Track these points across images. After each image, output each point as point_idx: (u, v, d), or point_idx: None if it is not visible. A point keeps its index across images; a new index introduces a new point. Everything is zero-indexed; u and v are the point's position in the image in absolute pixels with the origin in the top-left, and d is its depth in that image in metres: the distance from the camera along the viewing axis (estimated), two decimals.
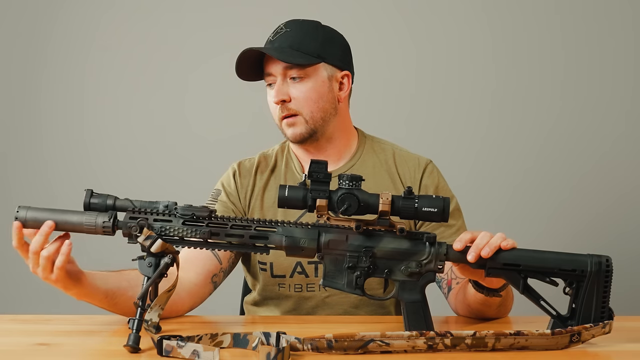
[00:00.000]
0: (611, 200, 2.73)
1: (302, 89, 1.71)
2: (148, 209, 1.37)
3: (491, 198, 2.76)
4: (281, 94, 1.71)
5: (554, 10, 2.75)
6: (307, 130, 1.73)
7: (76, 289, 1.43)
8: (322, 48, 1.72)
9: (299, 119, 1.72)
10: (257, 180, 1.81)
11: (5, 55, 2.88)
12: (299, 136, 1.73)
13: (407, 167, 1.81)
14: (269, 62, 1.72)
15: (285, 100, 1.71)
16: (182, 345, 1.24)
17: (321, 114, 1.73)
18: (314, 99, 1.72)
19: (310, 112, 1.72)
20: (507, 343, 1.29)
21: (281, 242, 1.37)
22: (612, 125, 2.74)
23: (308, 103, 1.71)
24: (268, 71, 1.73)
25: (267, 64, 1.73)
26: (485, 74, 2.77)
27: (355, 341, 1.27)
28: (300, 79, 1.71)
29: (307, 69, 1.70)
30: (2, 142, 2.89)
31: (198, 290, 1.66)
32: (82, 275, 1.43)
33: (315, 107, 1.72)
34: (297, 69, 1.70)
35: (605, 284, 1.35)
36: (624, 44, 2.74)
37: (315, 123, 1.73)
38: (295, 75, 1.70)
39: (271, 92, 1.74)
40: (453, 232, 1.75)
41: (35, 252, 1.37)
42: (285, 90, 1.71)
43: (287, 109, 1.71)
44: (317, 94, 1.72)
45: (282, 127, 1.74)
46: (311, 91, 1.71)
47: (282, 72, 1.70)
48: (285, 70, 1.70)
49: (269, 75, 1.73)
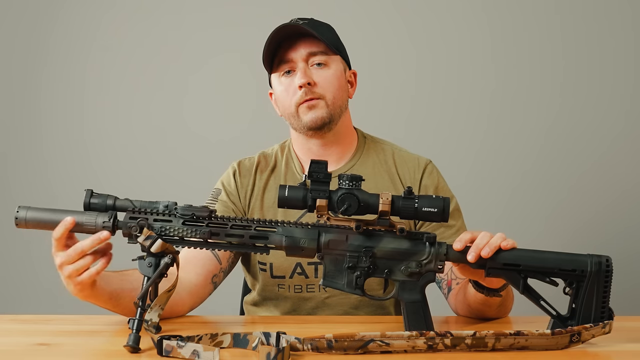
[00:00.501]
0: (610, 199, 2.73)
1: (326, 75, 1.73)
2: (148, 209, 1.38)
3: (490, 198, 2.76)
4: (307, 77, 1.71)
5: (554, 10, 2.75)
6: (328, 114, 1.73)
7: (88, 291, 1.42)
8: (338, 43, 1.77)
9: (320, 102, 1.72)
10: (257, 179, 1.81)
11: (6, 55, 2.88)
12: (319, 120, 1.73)
13: (406, 167, 1.81)
14: (291, 48, 1.72)
15: (310, 83, 1.71)
16: (182, 345, 1.24)
17: (340, 102, 1.75)
18: (337, 86, 1.74)
19: (332, 97, 1.73)
20: (507, 343, 1.29)
21: (281, 242, 1.37)
22: (612, 125, 2.74)
23: (331, 88, 1.73)
24: (289, 57, 1.73)
25: (289, 50, 1.73)
26: (485, 74, 2.77)
27: (355, 341, 1.27)
28: (324, 64, 1.73)
29: (330, 56, 1.74)
30: (2, 142, 2.89)
31: (198, 290, 1.66)
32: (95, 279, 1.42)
33: (337, 93, 1.74)
34: (321, 55, 1.72)
35: (605, 284, 1.35)
36: (623, 44, 2.74)
37: (335, 110, 1.74)
38: (319, 61, 1.72)
39: (287, 80, 1.74)
40: (453, 232, 1.75)
41: (81, 252, 1.35)
42: (309, 74, 1.72)
43: (312, 92, 1.72)
44: (339, 82, 1.75)
45: (299, 112, 1.73)
46: (334, 77, 1.74)
47: (306, 57, 1.72)
48: (310, 55, 1.72)
49: (289, 61, 1.73)
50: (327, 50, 1.73)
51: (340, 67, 1.77)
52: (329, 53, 1.73)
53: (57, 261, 1.37)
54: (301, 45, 1.72)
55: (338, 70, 1.75)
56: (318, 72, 1.72)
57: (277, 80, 1.76)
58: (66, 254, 1.36)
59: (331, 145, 1.79)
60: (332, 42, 1.75)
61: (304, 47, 1.72)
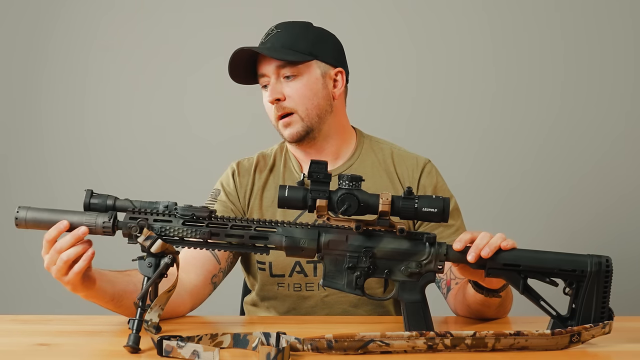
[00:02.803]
0: (611, 200, 2.73)
1: (296, 87, 1.71)
2: (148, 209, 1.37)
3: (490, 198, 2.76)
4: (275, 93, 1.71)
5: (554, 9, 2.75)
6: (304, 128, 1.73)
7: (86, 291, 1.42)
8: (313, 46, 1.73)
9: (294, 118, 1.72)
10: (256, 179, 1.82)
11: (6, 55, 2.88)
12: (295, 135, 1.73)
13: (405, 167, 1.81)
14: (262, 62, 1.73)
15: (279, 98, 1.71)
16: (182, 345, 1.24)
17: (316, 111, 1.74)
18: (309, 96, 1.72)
19: (305, 110, 1.72)
20: (507, 343, 1.29)
21: (281, 242, 1.37)
22: (612, 125, 2.74)
23: (303, 100, 1.72)
24: (261, 72, 1.73)
25: (260, 64, 1.74)
26: (485, 74, 2.77)
27: (355, 341, 1.27)
28: (294, 77, 1.71)
29: (299, 66, 1.71)
30: (3, 142, 2.89)
31: (198, 290, 1.66)
32: (94, 280, 1.42)
33: (310, 104, 1.72)
34: (290, 67, 1.71)
35: (605, 284, 1.35)
36: (623, 44, 2.73)
37: (311, 120, 1.73)
38: (288, 74, 1.71)
39: (266, 93, 1.74)
40: (452, 232, 1.75)
41: (59, 251, 1.35)
42: (279, 89, 1.72)
43: (282, 107, 1.72)
44: (311, 91, 1.73)
45: (279, 128, 1.75)
46: (305, 88, 1.72)
47: (275, 71, 1.71)
48: (278, 69, 1.71)
49: (263, 76, 1.74)
50: (295, 61, 1.71)
51: (315, 73, 1.73)
52: (298, 63, 1.71)
53: (44, 262, 1.38)
54: (270, 59, 1.71)
55: (311, 78, 1.73)
56: (289, 85, 1.72)
57: (262, 92, 1.78)
58: (49, 254, 1.36)
59: (323, 147, 1.79)
60: (305, 48, 1.72)
61: (273, 60, 1.71)
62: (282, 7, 2.71)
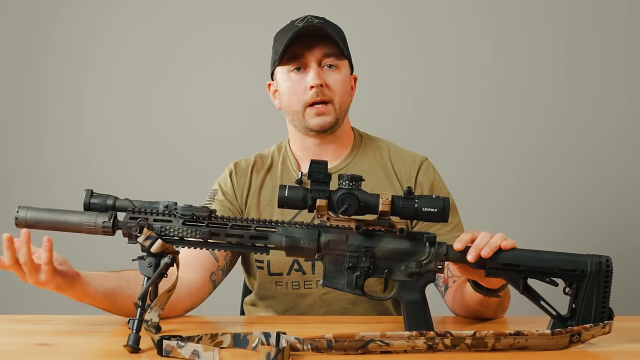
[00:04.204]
0: (608, 198, 2.73)
1: (337, 78, 1.74)
2: (148, 209, 1.38)
3: (489, 197, 2.76)
4: (320, 78, 1.71)
5: (554, 9, 2.75)
6: (334, 119, 1.75)
7: (71, 289, 1.42)
8: (346, 47, 1.78)
9: (329, 108, 1.74)
10: (253, 179, 1.82)
11: (5, 55, 2.88)
12: (326, 125, 1.74)
13: (402, 164, 1.81)
14: (306, 45, 1.72)
15: (323, 84, 1.71)
16: (182, 345, 1.24)
17: (345, 107, 1.77)
18: (345, 90, 1.76)
19: (340, 102, 1.75)
20: (507, 343, 1.29)
21: (281, 242, 1.37)
22: (610, 123, 2.74)
23: (341, 92, 1.74)
24: (304, 54, 1.72)
25: (303, 47, 1.72)
26: (484, 74, 2.77)
27: (355, 341, 1.27)
28: (336, 67, 1.74)
29: (341, 60, 1.75)
30: (2, 142, 2.89)
31: (198, 289, 1.66)
32: (77, 276, 1.43)
33: (344, 98, 1.76)
34: (335, 58, 1.73)
35: (605, 284, 1.35)
36: (622, 43, 2.73)
37: (341, 113, 1.76)
38: (331, 64, 1.73)
39: (297, 77, 1.73)
40: (449, 229, 1.75)
41: (12, 264, 1.36)
42: (322, 75, 1.72)
43: (323, 93, 1.72)
44: (347, 87, 1.77)
45: (306, 115, 1.74)
46: (343, 82, 1.75)
47: (320, 58, 1.72)
48: (324, 57, 1.72)
49: (302, 57, 1.72)
50: (339, 54, 1.73)
51: (348, 72, 1.78)
52: (340, 57, 1.74)
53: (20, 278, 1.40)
54: (317, 45, 1.72)
55: (346, 75, 1.77)
56: (330, 75, 1.73)
57: (285, 75, 1.76)
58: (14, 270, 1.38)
59: (328, 144, 1.80)
60: (344, 46, 1.76)
61: (319, 47, 1.72)
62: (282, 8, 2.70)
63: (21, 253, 1.36)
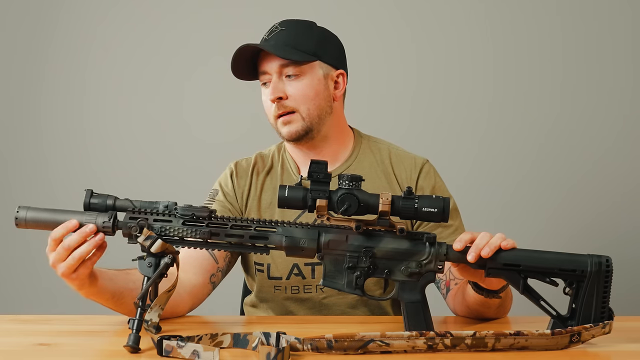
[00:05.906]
0: (611, 200, 2.73)
1: (298, 86, 1.71)
2: (148, 209, 1.37)
3: (490, 198, 2.76)
4: (277, 92, 1.70)
5: (555, 11, 2.75)
6: (303, 127, 1.72)
7: (88, 288, 1.42)
8: (317, 46, 1.73)
9: (295, 117, 1.72)
10: (254, 180, 1.81)
11: (6, 55, 2.88)
12: (294, 134, 1.73)
13: (403, 167, 1.80)
14: (264, 60, 1.72)
15: (281, 97, 1.71)
16: (182, 345, 1.24)
17: (317, 112, 1.73)
18: (311, 96, 1.72)
19: (307, 109, 1.72)
20: (507, 343, 1.29)
21: (281, 242, 1.37)
22: (612, 125, 2.73)
23: (305, 100, 1.71)
24: (263, 69, 1.72)
25: (262, 62, 1.73)
26: (485, 74, 2.77)
27: (355, 341, 1.27)
28: (296, 76, 1.71)
29: (302, 66, 1.71)
30: (2, 142, 2.89)
31: (198, 290, 1.66)
32: (97, 276, 1.43)
33: (312, 104, 1.72)
34: (293, 66, 1.70)
35: (605, 284, 1.35)
36: (623, 46, 2.73)
37: (312, 120, 1.73)
38: (291, 73, 1.70)
39: (266, 91, 1.74)
40: (451, 232, 1.74)
41: (68, 248, 1.35)
42: (281, 87, 1.71)
43: (284, 106, 1.71)
44: (314, 92, 1.72)
45: (277, 126, 1.74)
46: (307, 88, 1.71)
47: (278, 69, 1.71)
48: (281, 67, 1.70)
49: (264, 73, 1.73)
50: (300, 60, 1.70)
51: (318, 74, 1.73)
52: (302, 63, 1.71)
53: (50, 260, 1.37)
54: (273, 56, 1.70)
55: (314, 79, 1.72)
56: (291, 84, 1.71)
57: (261, 89, 1.77)
58: (57, 252, 1.35)
59: (321, 148, 1.78)
60: (308, 48, 1.71)
61: (276, 58, 1.70)
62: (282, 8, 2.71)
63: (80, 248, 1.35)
